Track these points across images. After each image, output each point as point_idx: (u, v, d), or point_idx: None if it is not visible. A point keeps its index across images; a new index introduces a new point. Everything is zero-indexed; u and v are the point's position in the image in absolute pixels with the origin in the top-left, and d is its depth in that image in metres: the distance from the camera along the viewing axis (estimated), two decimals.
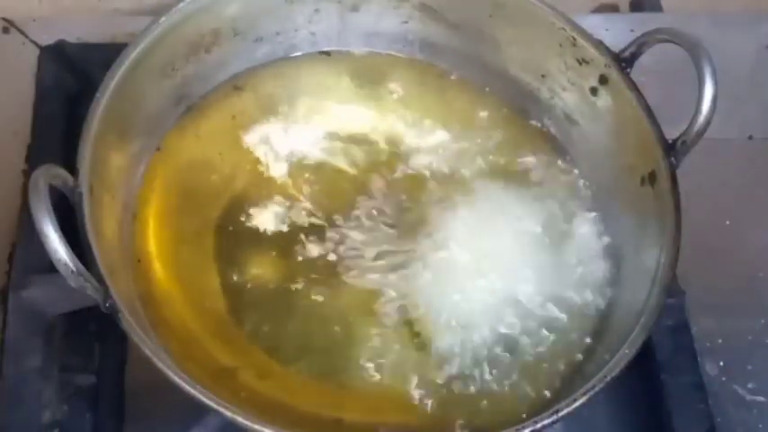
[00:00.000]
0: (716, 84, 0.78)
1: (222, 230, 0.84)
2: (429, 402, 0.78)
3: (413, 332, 0.81)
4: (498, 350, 0.80)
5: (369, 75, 0.94)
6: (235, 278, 0.82)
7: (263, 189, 0.87)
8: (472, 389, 0.79)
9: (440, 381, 0.79)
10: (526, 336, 0.81)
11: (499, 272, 0.83)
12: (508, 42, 0.92)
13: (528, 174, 0.90)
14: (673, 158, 0.81)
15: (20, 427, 0.77)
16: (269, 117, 0.90)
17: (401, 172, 0.89)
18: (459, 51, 0.94)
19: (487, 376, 0.79)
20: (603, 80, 0.87)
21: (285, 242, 0.84)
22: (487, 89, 0.94)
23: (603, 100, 0.88)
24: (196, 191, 0.86)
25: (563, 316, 0.82)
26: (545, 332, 0.81)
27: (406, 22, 0.94)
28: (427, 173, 0.89)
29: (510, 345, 0.81)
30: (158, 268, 0.82)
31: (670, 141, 0.81)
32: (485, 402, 0.78)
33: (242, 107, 0.91)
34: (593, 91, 0.88)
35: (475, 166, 0.90)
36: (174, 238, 0.84)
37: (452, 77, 0.94)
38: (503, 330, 0.81)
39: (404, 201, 0.87)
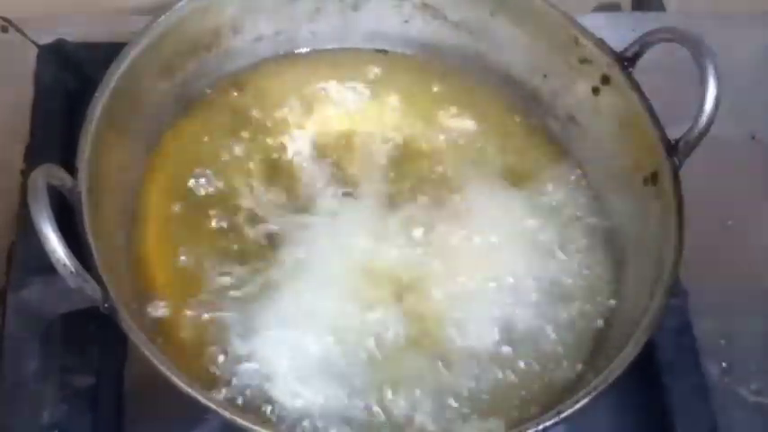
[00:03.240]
0: (719, 83, 0.78)
1: (222, 230, 0.84)
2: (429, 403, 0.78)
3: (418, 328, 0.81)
4: (499, 353, 0.80)
5: (369, 73, 0.94)
6: (236, 278, 0.82)
7: (263, 189, 0.86)
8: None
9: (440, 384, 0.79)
10: (527, 340, 0.81)
11: (500, 273, 0.83)
12: (510, 42, 0.92)
13: (529, 174, 0.90)
14: (675, 158, 0.81)
15: (19, 428, 0.77)
16: (269, 116, 0.90)
17: (397, 170, 0.89)
18: (460, 50, 0.94)
19: (483, 382, 0.79)
20: (605, 80, 0.87)
21: (287, 241, 0.83)
22: (489, 88, 0.94)
23: (606, 100, 0.88)
24: (196, 190, 0.86)
25: (566, 317, 0.82)
26: (547, 334, 0.81)
27: (407, 22, 0.94)
28: (425, 171, 0.89)
29: (512, 346, 0.81)
30: (158, 268, 0.82)
31: (672, 141, 0.81)
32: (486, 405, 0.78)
33: (242, 106, 0.91)
34: (596, 91, 0.88)
35: (475, 166, 0.90)
36: (174, 238, 0.83)
37: (453, 76, 0.94)
38: (503, 333, 0.81)
39: (401, 200, 0.87)
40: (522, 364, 0.80)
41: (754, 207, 0.97)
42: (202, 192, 0.86)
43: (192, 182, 0.86)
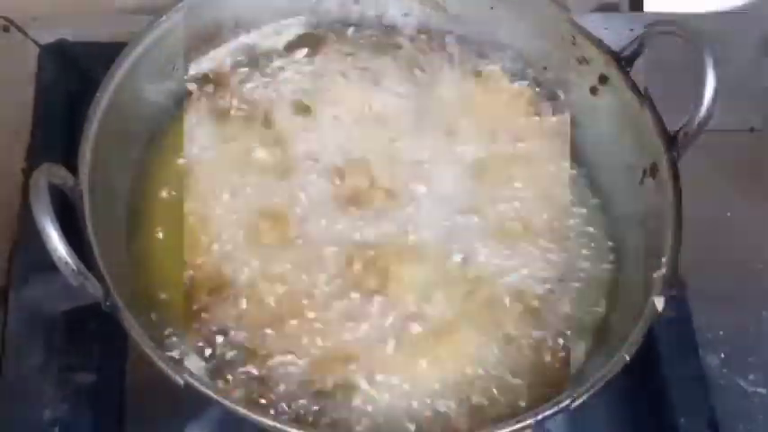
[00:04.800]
0: (717, 76, 0.78)
1: (224, 226, 0.84)
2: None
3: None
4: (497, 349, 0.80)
5: (370, 67, 0.93)
6: (236, 276, 0.81)
7: (266, 184, 0.86)
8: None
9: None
10: (528, 334, 0.81)
11: (500, 269, 0.83)
12: (509, 37, 0.92)
13: (529, 171, 0.90)
14: (674, 151, 0.81)
15: (20, 426, 0.77)
16: (270, 113, 0.90)
17: (401, 160, 0.88)
18: (459, 44, 0.94)
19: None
20: (603, 79, 0.87)
21: (288, 235, 0.83)
22: (489, 84, 0.93)
23: (604, 99, 0.88)
24: (197, 188, 0.86)
25: (566, 310, 0.82)
26: (548, 326, 0.81)
27: (407, 15, 0.95)
28: (428, 168, 0.89)
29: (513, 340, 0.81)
30: (160, 266, 0.82)
31: (671, 133, 0.81)
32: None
33: (243, 103, 0.90)
34: (594, 90, 0.88)
35: (475, 163, 0.89)
36: (176, 236, 0.83)
37: (453, 70, 0.94)
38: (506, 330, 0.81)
39: (405, 188, 0.87)
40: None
41: (752, 199, 0.97)
42: (203, 189, 0.86)
43: (193, 179, 0.86)
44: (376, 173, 0.87)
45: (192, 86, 0.90)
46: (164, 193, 0.85)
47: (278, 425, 0.69)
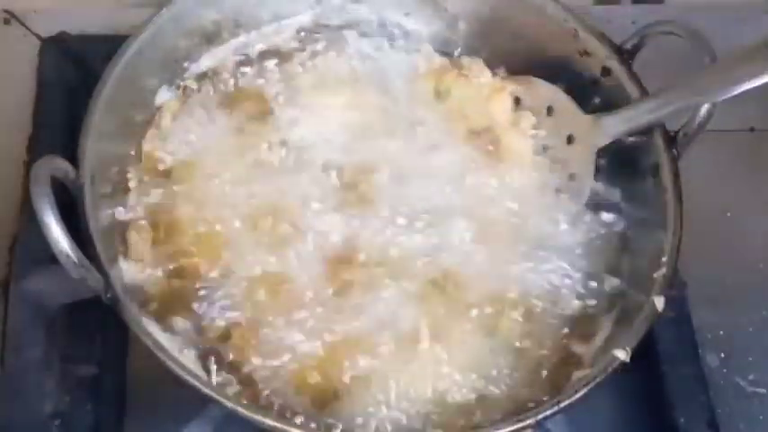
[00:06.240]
0: None
1: (223, 221, 0.84)
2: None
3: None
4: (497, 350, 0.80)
5: (370, 64, 0.93)
6: (236, 271, 0.81)
7: (265, 181, 0.86)
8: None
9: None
10: (529, 334, 0.81)
11: (500, 265, 0.84)
12: (510, 33, 0.92)
13: (529, 168, 0.90)
14: (675, 150, 0.81)
15: (22, 418, 0.77)
16: (269, 107, 0.90)
17: (400, 160, 0.88)
18: (460, 42, 0.94)
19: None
20: (605, 72, 0.87)
21: (287, 232, 0.83)
22: (489, 79, 0.93)
23: (606, 92, 0.88)
24: (197, 183, 0.86)
25: (568, 310, 0.82)
26: (550, 326, 0.81)
27: (408, 14, 0.95)
28: (421, 167, 0.89)
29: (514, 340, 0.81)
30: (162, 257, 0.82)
31: (672, 133, 0.81)
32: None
33: (243, 98, 0.90)
34: (596, 83, 0.88)
35: (475, 158, 0.90)
36: (177, 227, 0.83)
37: (454, 67, 0.94)
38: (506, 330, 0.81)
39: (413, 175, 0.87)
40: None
41: (752, 198, 0.97)
42: (202, 184, 0.85)
43: (192, 174, 0.86)
44: (376, 172, 0.87)
45: (192, 83, 0.90)
46: (163, 188, 0.85)
47: (278, 425, 0.69)
